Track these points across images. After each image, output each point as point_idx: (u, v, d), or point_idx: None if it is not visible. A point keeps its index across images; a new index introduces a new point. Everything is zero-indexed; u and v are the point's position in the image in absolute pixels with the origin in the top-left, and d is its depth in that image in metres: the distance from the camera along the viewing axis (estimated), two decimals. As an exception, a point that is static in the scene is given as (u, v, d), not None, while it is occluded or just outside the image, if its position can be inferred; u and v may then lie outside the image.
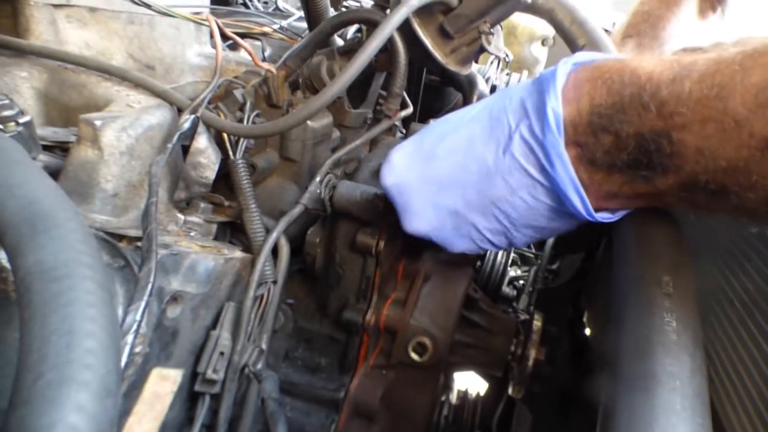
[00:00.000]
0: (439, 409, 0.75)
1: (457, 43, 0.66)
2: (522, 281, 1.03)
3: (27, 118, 0.45)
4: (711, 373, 0.43)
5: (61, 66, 0.64)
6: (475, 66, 0.89)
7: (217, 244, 0.59)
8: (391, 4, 0.68)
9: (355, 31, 0.86)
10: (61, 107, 0.65)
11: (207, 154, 0.63)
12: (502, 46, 0.79)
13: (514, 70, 1.17)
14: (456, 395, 0.87)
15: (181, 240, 0.56)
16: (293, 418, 0.63)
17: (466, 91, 0.92)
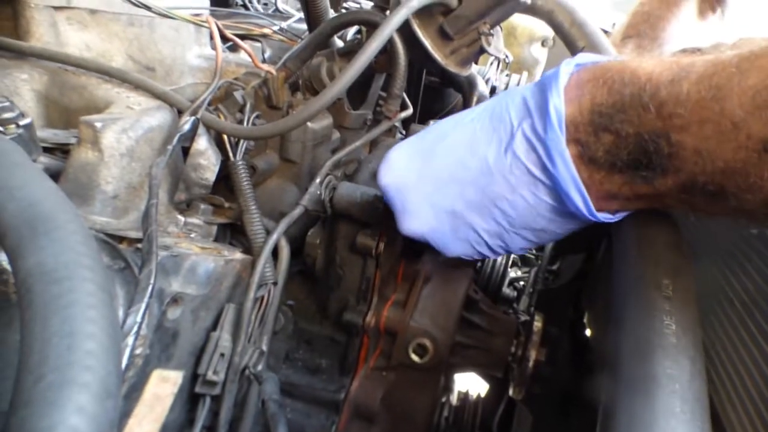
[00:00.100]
0: (439, 410, 0.75)
1: (457, 44, 0.66)
2: (522, 282, 1.03)
3: (27, 121, 0.45)
4: (711, 373, 0.43)
5: (62, 68, 0.64)
6: (474, 67, 0.89)
7: (217, 246, 0.59)
8: (390, 6, 0.68)
9: (354, 33, 0.87)
10: (62, 109, 0.65)
11: (207, 155, 0.63)
12: (501, 47, 0.79)
13: (514, 71, 1.17)
14: (456, 396, 0.87)
15: (182, 241, 0.56)
16: (294, 420, 0.63)
17: (466, 92, 0.92)
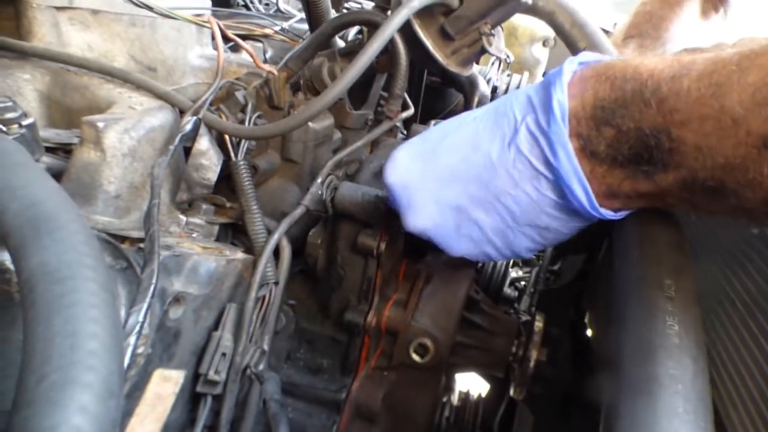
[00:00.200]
0: (440, 410, 0.75)
1: (458, 44, 0.66)
2: (523, 282, 1.03)
3: (30, 121, 0.45)
4: (713, 374, 0.43)
5: (64, 68, 0.64)
6: (476, 67, 0.89)
7: (218, 246, 0.59)
8: (392, 6, 0.68)
9: (356, 33, 0.87)
10: (64, 109, 0.65)
11: (209, 155, 0.63)
12: (503, 47, 0.79)
13: (515, 71, 1.17)
14: (457, 396, 0.87)
15: (183, 241, 0.56)
16: (295, 419, 0.63)
17: (467, 92, 0.92)
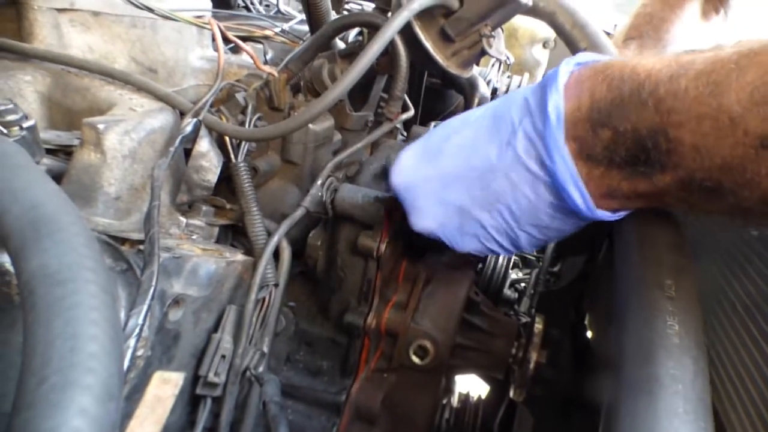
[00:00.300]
0: (440, 412, 0.75)
1: (459, 46, 0.66)
2: (523, 284, 1.03)
3: (31, 123, 0.45)
4: (712, 375, 0.43)
5: (65, 70, 0.64)
6: (476, 69, 0.89)
7: (218, 247, 0.59)
8: (392, 8, 0.68)
9: (356, 35, 0.87)
10: (65, 111, 0.65)
11: (209, 157, 0.63)
12: (503, 48, 0.79)
13: (516, 72, 1.17)
14: (457, 398, 0.87)
15: (183, 243, 0.56)
16: (294, 422, 0.63)
17: (467, 93, 0.92)
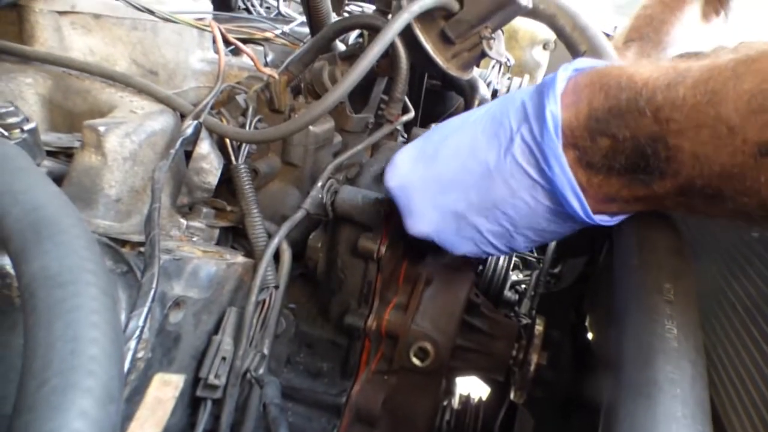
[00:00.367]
0: (441, 414, 0.75)
1: (459, 48, 0.66)
2: (524, 285, 1.03)
3: (32, 125, 0.45)
4: (713, 376, 0.43)
5: (66, 72, 0.64)
6: (476, 70, 0.89)
7: (219, 249, 0.59)
8: (392, 10, 0.68)
9: (356, 37, 0.87)
10: (66, 113, 0.65)
11: (209, 159, 0.63)
12: (503, 50, 0.79)
13: (516, 74, 1.18)
14: (458, 400, 0.87)
15: (184, 245, 0.56)
16: (295, 424, 0.63)
17: (467, 95, 0.92)
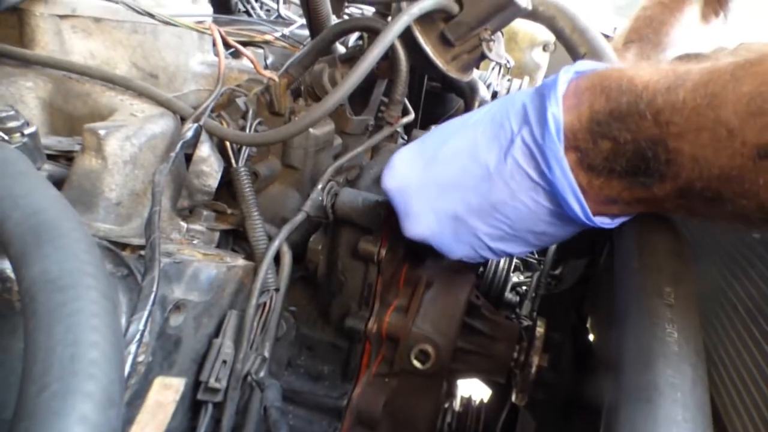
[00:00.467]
0: (442, 416, 0.75)
1: (458, 50, 0.66)
2: (525, 287, 1.03)
3: (32, 129, 0.46)
4: (715, 378, 0.43)
5: (66, 76, 0.64)
6: (476, 72, 0.89)
7: (219, 252, 0.59)
8: (392, 12, 0.68)
9: (356, 39, 0.87)
10: (66, 116, 0.65)
11: (210, 162, 0.63)
12: (503, 52, 0.79)
13: (516, 75, 1.18)
14: (459, 402, 0.86)
15: (184, 248, 0.56)
16: (296, 427, 0.63)
17: (467, 97, 0.92)
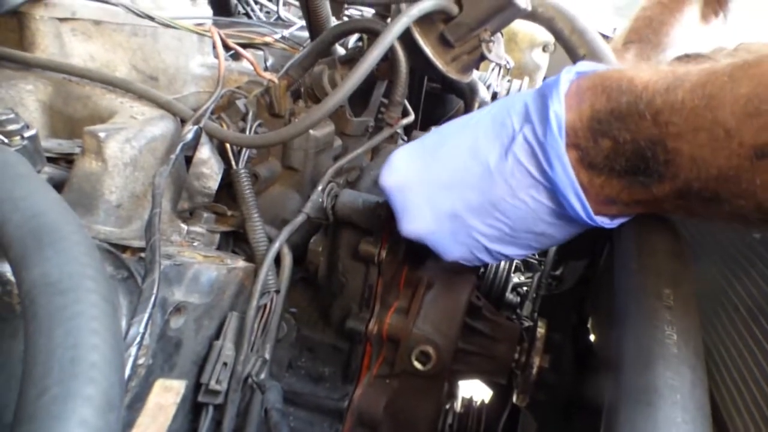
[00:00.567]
0: (443, 417, 0.75)
1: (458, 51, 0.66)
2: (525, 288, 1.03)
3: (32, 132, 0.46)
4: (716, 377, 0.43)
5: (66, 78, 0.65)
6: (476, 73, 0.89)
7: (220, 254, 0.59)
8: (391, 14, 0.68)
9: (356, 41, 0.87)
10: (66, 119, 0.66)
11: (210, 164, 0.64)
12: (502, 53, 0.79)
13: (515, 76, 1.18)
14: (460, 403, 0.86)
15: (185, 250, 0.56)
16: (297, 428, 0.62)
17: (467, 98, 0.92)
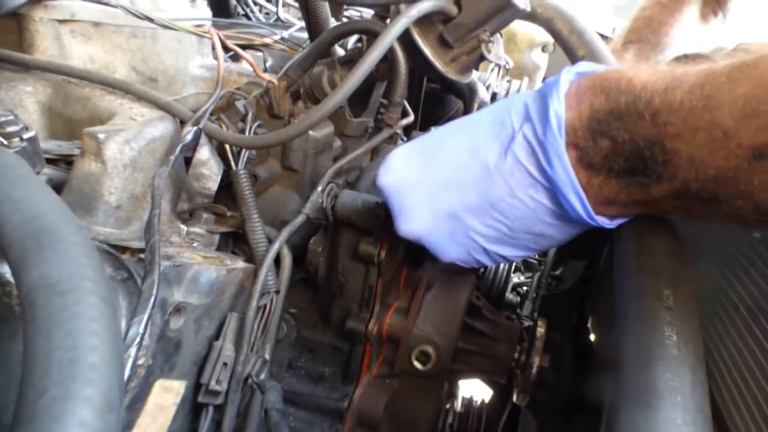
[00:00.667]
0: (443, 417, 0.75)
1: (457, 51, 0.66)
2: (525, 287, 1.03)
3: (31, 134, 0.46)
4: (716, 377, 0.43)
5: (66, 80, 0.65)
6: (475, 73, 0.89)
7: (219, 255, 0.59)
8: (391, 15, 0.68)
9: (355, 42, 0.87)
10: (65, 120, 0.66)
11: (209, 165, 0.64)
12: (502, 53, 0.79)
13: (515, 77, 1.18)
14: (460, 403, 0.86)
15: (184, 251, 0.56)
16: (297, 429, 0.62)
17: (466, 98, 0.92)
